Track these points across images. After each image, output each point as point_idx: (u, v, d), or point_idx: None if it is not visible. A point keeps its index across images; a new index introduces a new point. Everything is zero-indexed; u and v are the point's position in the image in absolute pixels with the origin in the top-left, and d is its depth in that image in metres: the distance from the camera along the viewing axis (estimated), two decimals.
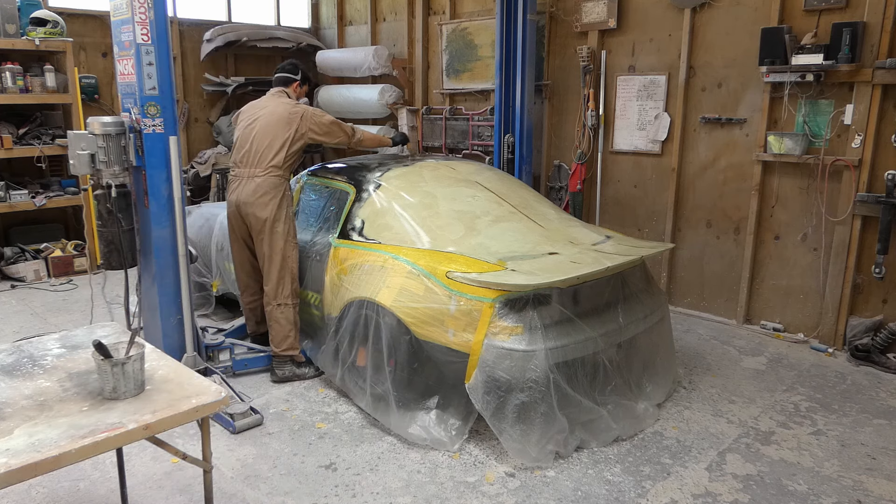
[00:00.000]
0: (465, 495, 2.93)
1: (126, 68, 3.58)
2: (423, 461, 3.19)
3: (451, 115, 6.91)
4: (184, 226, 3.72)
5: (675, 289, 5.53)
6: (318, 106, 8.20)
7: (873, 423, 3.63)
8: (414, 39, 7.37)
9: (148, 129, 3.56)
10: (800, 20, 4.57)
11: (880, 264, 4.31)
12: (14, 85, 5.80)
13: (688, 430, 3.51)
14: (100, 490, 2.95)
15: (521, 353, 3.07)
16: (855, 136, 4.37)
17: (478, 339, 3.12)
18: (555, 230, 3.93)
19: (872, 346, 4.38)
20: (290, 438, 3.40)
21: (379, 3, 7.75)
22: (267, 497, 2.92)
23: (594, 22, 5.63)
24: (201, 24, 7.61)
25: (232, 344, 4.20)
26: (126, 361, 2.11)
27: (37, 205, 6.05)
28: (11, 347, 2.53)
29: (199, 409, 2.11)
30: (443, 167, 4.38)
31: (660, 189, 5.50)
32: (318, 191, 4.33)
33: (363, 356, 3.56)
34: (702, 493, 2.97)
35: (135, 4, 3.41)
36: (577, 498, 2.92)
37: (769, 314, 5.02)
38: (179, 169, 3.68)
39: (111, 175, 3.58)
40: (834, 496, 2.97)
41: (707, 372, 4.25)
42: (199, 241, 5.07)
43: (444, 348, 3.23)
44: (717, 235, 5.23)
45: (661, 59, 5.33)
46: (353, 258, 3.74)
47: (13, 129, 6.04)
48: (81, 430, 1.92)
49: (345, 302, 3.67)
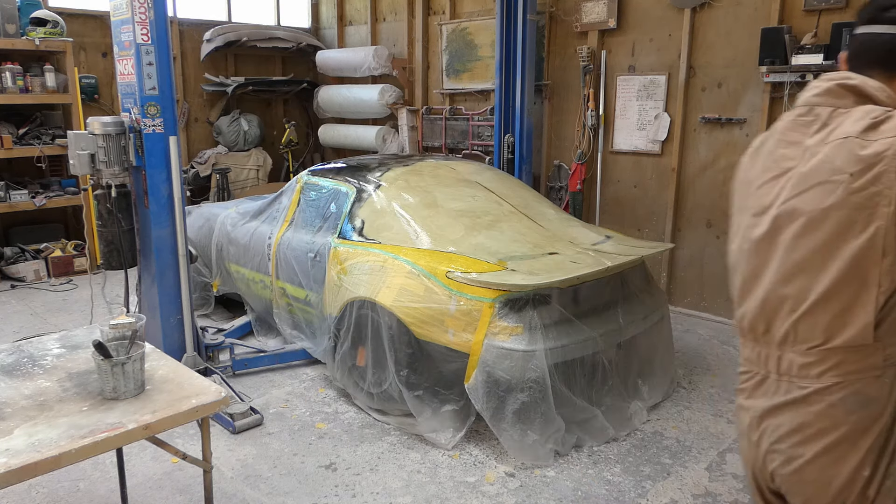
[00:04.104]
0: (465, 495, 2.93)
1: (126, 68, 3.58)
2: (423, 461, 3.19)
3: (451, 115, 6.91)
4: (184, 226, 3.72)
5: (675, 289, 5.53)
6: (318, 107, 8.21)
7: None
8: (414, 39, 7.37)
9: (148, 129, 3.56)
10: (800, 20, 4.57)
11: None
12: (14, 85, 5.80)
13: (688, 430, 3.51)
14: (100, 490, 2.95)
15: (521, 353, 3.07)
16: None
17: (478, 339, 3.12)
18: (555, 230, 3.93)
19: None
20: (290, 438, 3.40)
21: (379, 3, 7.75)
22: (267, 497, 2.92)
23: (594, 22, 5.63)
24: (201, 24, 7.61)
25: (232, 344, 4.21)
26: (126, 361, 2.11)
27: (37, 205, 6.05)
28: (11, 347, 2.53)
29: (198, 409, 2.11)
30: (443, 167, 4.38)
31: (660, 189, 5.50)
32: (318, 191, 4.33)
33: (363, 356, 3.57)
34: (702, 493, 2.97)
35: (135, 4, 3.41)
36: (577, 498, 2.92)
37: None
38: (179, 169, 3.68)
39: (111, 175, 3.59)
40: None
41: (707, 372, 4.25)
42: (199, 241, 5.07)
43: (443, 348, 3.23)
44: (717, 235, 5.22)
45: (661, 59, 5.33)
46: (353, 258, 3.74)
47: (13, 129, 6.04)
48: (81, 430, 1.92)
49: (345, 302, 3.67)
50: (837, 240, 1.29)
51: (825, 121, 1.33)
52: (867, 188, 1.23)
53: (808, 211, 1.31)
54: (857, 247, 1.27)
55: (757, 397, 1.46)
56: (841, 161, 1.26)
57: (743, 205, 1.49)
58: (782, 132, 1.41)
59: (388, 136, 7.46)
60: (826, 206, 1.28)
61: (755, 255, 1.43)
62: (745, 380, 1.51)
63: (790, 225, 1.34)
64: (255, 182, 7.81)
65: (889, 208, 1.22)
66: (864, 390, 1.33)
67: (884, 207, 1.22)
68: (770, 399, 1.43)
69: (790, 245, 1.35)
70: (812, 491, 1.40)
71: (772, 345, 1.43)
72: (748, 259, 1.46)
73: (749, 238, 1.44)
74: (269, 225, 4.50)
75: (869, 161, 1.23)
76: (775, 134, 1.42)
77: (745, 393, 1.51)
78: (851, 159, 1.25)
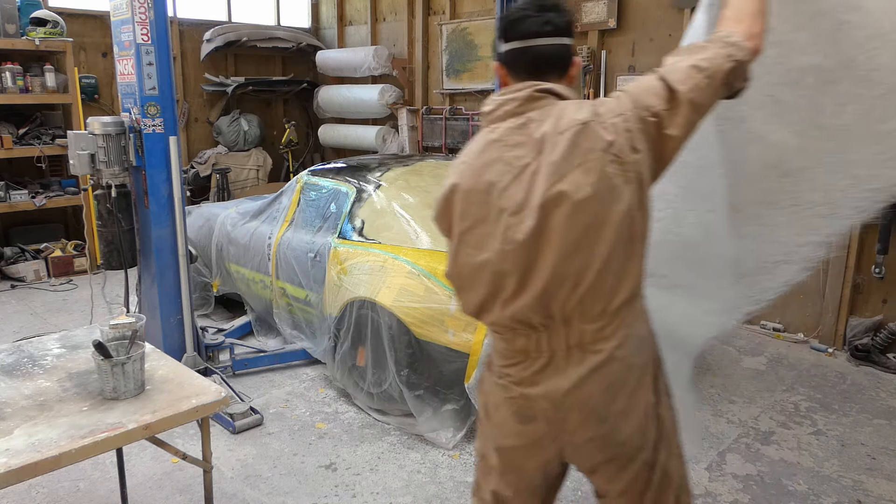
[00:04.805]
0: (465, 495, 2.93)
1: (126, 68, 3.58)
2: (423, 461, 3.19)
3: (451, 115, 6.91)
4: (184, 226, 3.72)
5: None
6: (318, 107, 8.20)
7: (873, 423, 3.63)
8: (414, 39, 7.37)
9: (148, 129, 3.56)
10: None
11: (880, 264, 4.31)
12: (14, 85, 5.80)
13: None
14: (100, 490, 2.95)
15: None
16: None
17: (478, 340, 3.12)
18: None
19: (872, 346, 4.37)
20: (290, 438, 3.40)
21: (379, 3, 7.76)
22: (267, 497, 2.92)
23: (594, 22, 5.63)
24: (201, 24, 7.61)
25: (232, 344, 4.21)
26: (126, 361, 2.11)
27: (37, 205, 6.05)
28: (11, 347, 2.53)
29: (198, 409, 2.11)
30: (443, 167, 4.38)
31: None
32: (318, 191, 4.33)
33: (363, 356, 3.57)
34: (702, 493, 2.97)
35: (135, 4, 3.41)
36: (577, 498, 2.92)
37: (769, 314, 5.02)
38: (179, 169, 3.68)
39: (111, 175, 3.59)
40: (834, 496, 2.97)
41: (707, 372, 4.25)
42: (199, 241, 5.07)
43: (443, 348, 3.23)
44: None
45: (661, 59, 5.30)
46: (353, 258, 3.74)
47: (13, 129, 6.04)
48: (81, 430, 1.92)
49: (345, 302, 3.67)
50: (605, 209, 1.44)
51: (540, 119, 1.51)
52: (615, 160, 1.43)
53: (573, 191, 1.43)
54: (621, 210, 1.44)
55: (546, 380, 1.54)
56: (588, 143, 1.44)
57: (484, 215, 1.53)
58: (501, 140, 1.53)
59: (388, 137, 7.46)
60: (589, 182, 1.43)
61: (525, 250, 1.49)
62: (521, 369, 1.57)
63: (558, 209, 1.45)
64: (255, 182, 7.81)
65: (632, 173, 1.44)
66: (639, 332, 1.57)
67: (630, 172, 1.44)
68: (568, 376, 1.52)
69: (564, 227, 1.45)
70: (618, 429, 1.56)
71: (554, 327, 1.52)
72: (516, 258, 1.50)
73: (513, 238, 1.49)
74: (269, 225, 4.50)
75: (608, 139, 1.44)
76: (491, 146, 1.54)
77: (525, 382, 1.57)
78: (596, 139, 1.44)
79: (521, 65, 1.59)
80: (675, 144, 1.48)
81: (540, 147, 1.48)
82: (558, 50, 1.58)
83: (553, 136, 1.47)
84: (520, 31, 1.58)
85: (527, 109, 1.53)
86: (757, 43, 1.54)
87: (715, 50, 1.51)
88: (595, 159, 1.43)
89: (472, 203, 1.54)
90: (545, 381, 1.54)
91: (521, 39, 1.58)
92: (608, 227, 1.45)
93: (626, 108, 1.48)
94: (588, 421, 1.54)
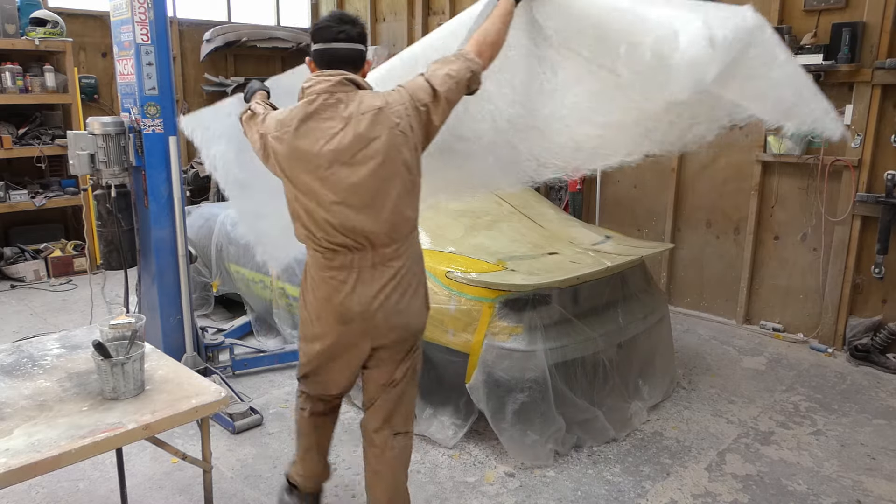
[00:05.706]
0: (464, 495, 2.94)
1: (126, 68, 3.58)
2: (423, 461, 3.19)
3: None
4: (184, 226, 3.72)
5: (675, 289, 5.53)
6: None
7: (873, 423, 3.64)
8: (414, 39, 7.33)
9: (148, 130, 3.56)
10: (799, 20, 4.57)
11: (880, 264, 4.32)
12: (14, 85, 5.80)
13: (687, 430, 3.51)
14: (100, 490, 2.95)
15: (521, 354, 3.07)
16: (854, 136, 4.38)
17: (478, 340, 3.12)
18: (554, 230, 3.93)
19: (872, 347, 4.38)
20: (290, 438, 3.40)
21: (379, 3, 7.76)
22: (267, 497, 2.92)
23: None
24: (201, 24, 7.61)
25: (232, 344, 4.21)
26: (126, 361, 2.11)
27: (36, 205, 6.05)
28: (11, 347, 2.53)
29: (198, 409, 2.11)
30: None
31: (659, 189, 5.50)
32: None
33: None
34: (701, 493, 2.97)
35: (135, 4, 3.41)
36: (577, 498, 2.92)
37: (769, 314, 5.02)
38: (179, 169, 3.68)
39: (111, 175, 3.58)
40: (833, 496, 2.97)
41: (707, 372, 4.25)
42: (199, 241, 5.07)
43: (443, 348, 3.23)
44: (717, 235, 5.23)
45: None
46: None
47: (13, 129, 6.04)
48: (81, 430, 1.92)
49: None
50: (394, 167, 2.12)
51: (346, 101, 2.11)
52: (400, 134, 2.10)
53: (373, 154, 2.09)
54: (404, 169, 2.14)
55: (361, 287, 2.20)
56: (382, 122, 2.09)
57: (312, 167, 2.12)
58: (316, 113, 2.11)
59: None
60: (384, 149, 2.09)
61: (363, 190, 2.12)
62: (340, 280, 2.20)
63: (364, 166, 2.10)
64: None
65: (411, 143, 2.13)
66: (415, 249, 2.30)
67: (410, 143, 2.13)
68: (375, 284, 2.20)
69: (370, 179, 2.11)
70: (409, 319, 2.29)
71: (369, 249, 2.17)
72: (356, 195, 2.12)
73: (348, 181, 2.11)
74: None
75: (395, 120, 2.10)
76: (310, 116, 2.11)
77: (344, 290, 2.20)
78: (387, 120, 2.09)
79: (324, 62, 2.19)
80: (436, 126, 2.21)
81: (347, 121, 2.09)
82: (350, 52, 2.18)
83: (357, 115, 2.09)
84: (323, 37, 2.17)
85: (337, 90, 2.11)
86: (486, 62, 2.27)
87: (461, 63, 2.20)
88: (387, 133, 2.09)
89: (292, 160, 2.13)
90: (361, 290, 2.20)
91: (323, 42, 2.17)
92: (397, 179, 2.13)
93: (405, 100, 2.13)
94: (393, 312, 2.23)
